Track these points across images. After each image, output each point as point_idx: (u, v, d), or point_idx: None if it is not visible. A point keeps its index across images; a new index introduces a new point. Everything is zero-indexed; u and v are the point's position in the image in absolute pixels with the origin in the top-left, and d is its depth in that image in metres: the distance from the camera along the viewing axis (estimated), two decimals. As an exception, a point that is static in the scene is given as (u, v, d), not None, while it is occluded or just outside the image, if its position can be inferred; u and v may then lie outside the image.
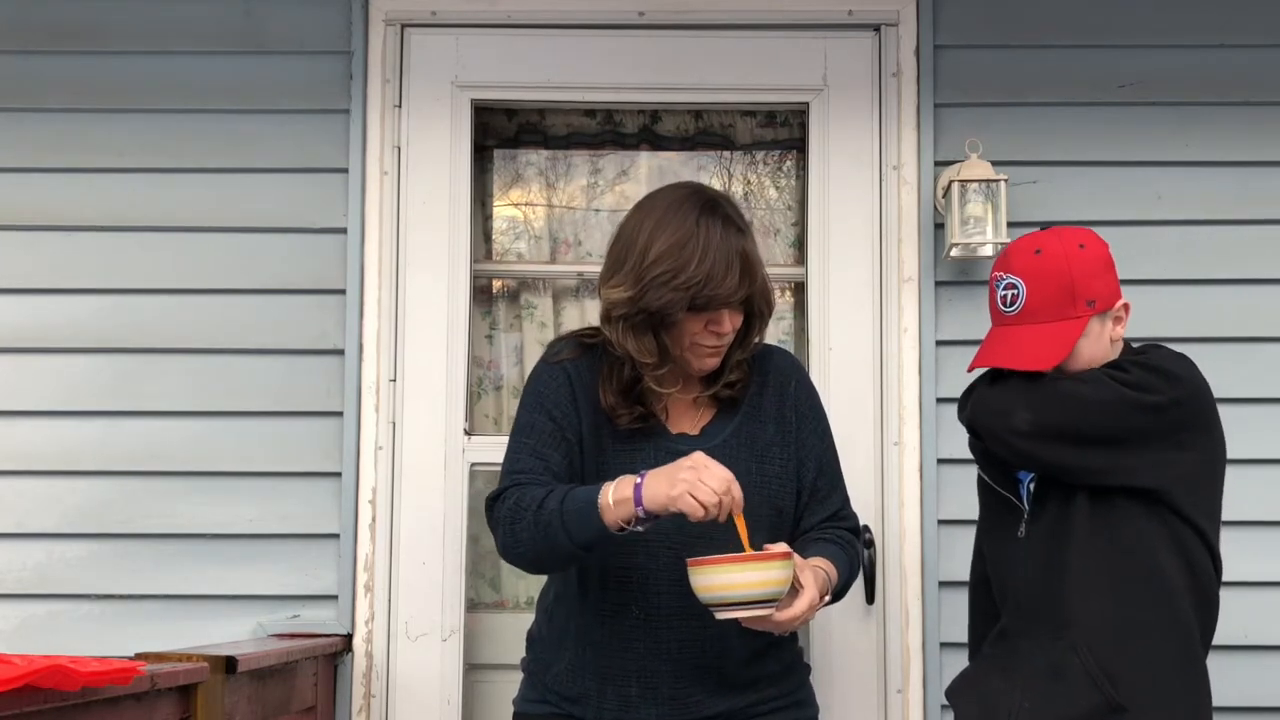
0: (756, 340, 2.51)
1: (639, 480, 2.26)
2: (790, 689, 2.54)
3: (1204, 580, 2.39)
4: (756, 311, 2.46)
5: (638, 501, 2.24)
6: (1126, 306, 2.46)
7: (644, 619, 2.42)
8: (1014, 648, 2.42)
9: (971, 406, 2.46)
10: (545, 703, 2.52)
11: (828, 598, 2.37)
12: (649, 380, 2.41)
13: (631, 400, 2.44)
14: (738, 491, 2.24)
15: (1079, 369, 2.41)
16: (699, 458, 2.26)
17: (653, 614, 2.42)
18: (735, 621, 2.30)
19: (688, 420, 2.50)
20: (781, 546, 2.30)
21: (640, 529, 2.28)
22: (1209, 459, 2.42)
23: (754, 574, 2.22)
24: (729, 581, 2.22)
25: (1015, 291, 2.41)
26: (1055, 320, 2.39)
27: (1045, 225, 2.54)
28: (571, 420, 2.44)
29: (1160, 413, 2.33)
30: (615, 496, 2.25)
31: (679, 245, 2.35)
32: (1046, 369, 2.38)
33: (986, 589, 2.56)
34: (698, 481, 2.22)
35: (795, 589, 2.29)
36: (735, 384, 2.49)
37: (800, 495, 2.52)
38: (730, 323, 2.40)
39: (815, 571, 2.35)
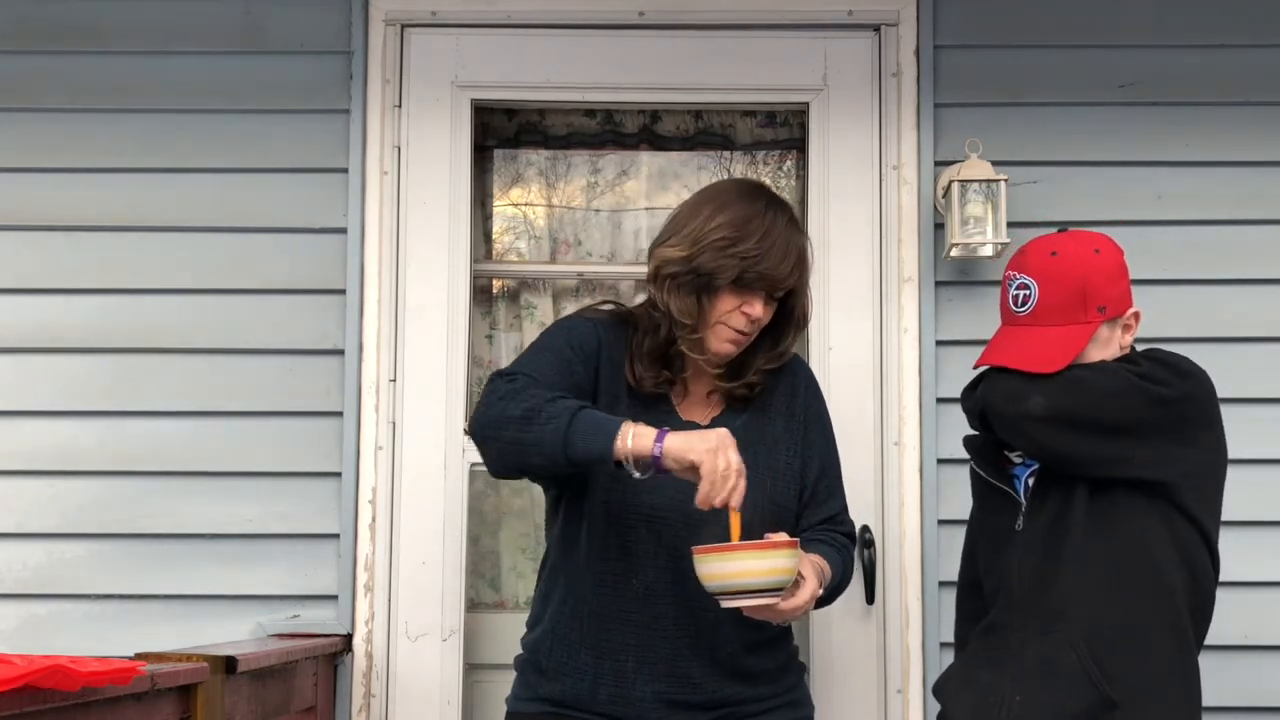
0: (783, 352, 2.54)
1: (665, 429, 2.27)
2: (785, 688, 2.55)
3: (1202, 578, 2.39)
4: (793, 319, 2.51)
5: (659, 439, 2.24)
6: (1137, 315, 2.47)
7: (644, 592, 2.44)
8: (1003, 641, 2.41)
9: (983, 392, 2.45)
10: (537, 700, 2.52)
11: (820, 592, 2.37)
12: (683, 343, 2.45)
13: (660, 364, 2.48)
14: (744, 484, 2.25)
15: None
16: (725, 435, 2.26)
17: (651, 588, 2.44)
18: (735, 610, 2.29)
19: (699, 411, 2.54)
20: (784, 536, 2.30)
21: (641, 474, 2.27)
22: (1212, 457, 2.42)
23: (762, 562, 2.21)
24: (738, 570, 2.21)
25: (1028, 292, 2.42)
26: (1065, 324, 2.39)
27: (1047, 225, 2.53)
28: (590, 368, 2.47)
29: (1169, 405, 2.34)
30: (637, 430, 2.25)
31: (743, 220, 2.43)
32: (1051, 371, 2.37)
33: (972, 592, 2.56)
34: (720, 449, 2.22)
35: (797, 579, 2.30)
36: (753, 386, 2.53)
37: (802, 494, 2.55)
38: (763, 310, 2.44)
39: (813, 563, 2.37)
